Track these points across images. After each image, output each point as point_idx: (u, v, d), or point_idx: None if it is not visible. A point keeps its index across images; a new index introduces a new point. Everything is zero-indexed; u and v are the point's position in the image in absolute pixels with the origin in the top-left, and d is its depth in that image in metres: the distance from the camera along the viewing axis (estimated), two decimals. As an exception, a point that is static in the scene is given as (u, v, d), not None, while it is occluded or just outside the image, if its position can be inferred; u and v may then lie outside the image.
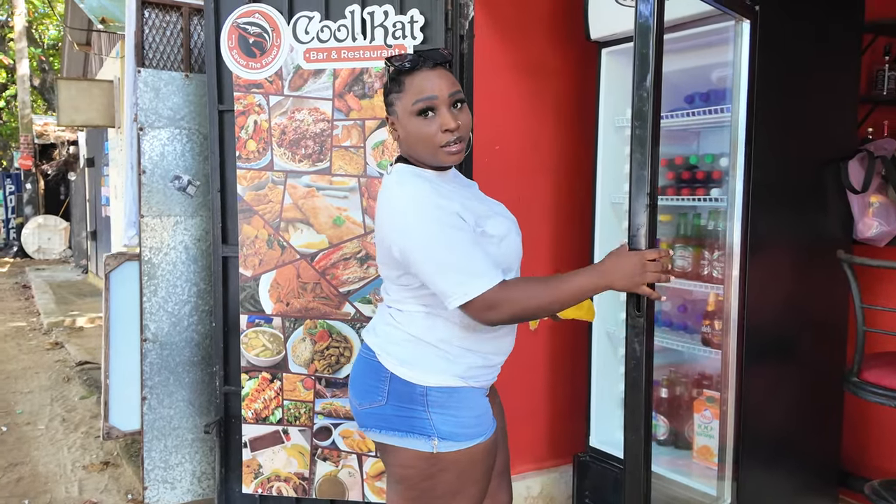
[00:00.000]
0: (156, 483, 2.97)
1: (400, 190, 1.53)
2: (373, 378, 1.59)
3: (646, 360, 1.55)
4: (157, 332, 2.92)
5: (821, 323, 2.34)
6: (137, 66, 2.88)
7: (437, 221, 1.46)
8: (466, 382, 1.57)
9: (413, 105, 1.51)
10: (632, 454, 1.59)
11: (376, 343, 1.61)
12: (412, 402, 1.54)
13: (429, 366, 1.55)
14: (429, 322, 1.56)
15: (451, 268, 1.44)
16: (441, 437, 1.52)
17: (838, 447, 2.47)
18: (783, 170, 2.14)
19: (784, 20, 2.07)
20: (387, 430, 1.56)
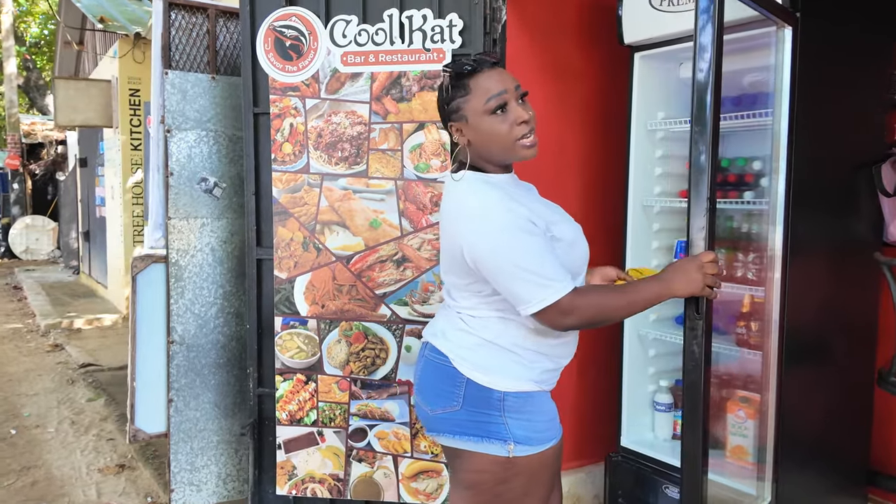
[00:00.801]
0: (182, 485, 2.97)
1: (473, 197, 1.53)
2: (447, 383, 1.59)
3: (704, 362, 1.58)
4: (183, 334, 2.92)
5: (853, 324, 2.39)
6: (164, 67, 2.87)
7: (511, 227, 1.47)
8: (539, 387, 1.59)
9: (486, 104, 1.51)
10: (690, 454, 1.62)
11: (449, 348, 1.61)
12: (489, 407, 1.54)
13: (506, 371, 1.56)
14: (502, 327, 1.57)
15: (526, 274, 1.45)
16: (517, 441, 1.53)
17: (868, 446, 2.52)
18: (820, 174, 2.18)
19: (821, 27, 2.11)
20: (460, 435, 1.57)
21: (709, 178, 1.56)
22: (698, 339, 1.58)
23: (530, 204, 1.55)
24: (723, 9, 1.58)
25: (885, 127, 2.46)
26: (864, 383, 2.42)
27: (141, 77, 7.35)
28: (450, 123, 1.60)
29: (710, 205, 1.56)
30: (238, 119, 2.90)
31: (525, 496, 1.57)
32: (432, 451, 2.48)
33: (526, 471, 1.55)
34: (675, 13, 2.32)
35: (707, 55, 1.54)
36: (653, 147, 2.62)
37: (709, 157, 1.57)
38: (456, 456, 1.61)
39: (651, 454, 2.56)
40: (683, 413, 1.64)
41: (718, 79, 1.57)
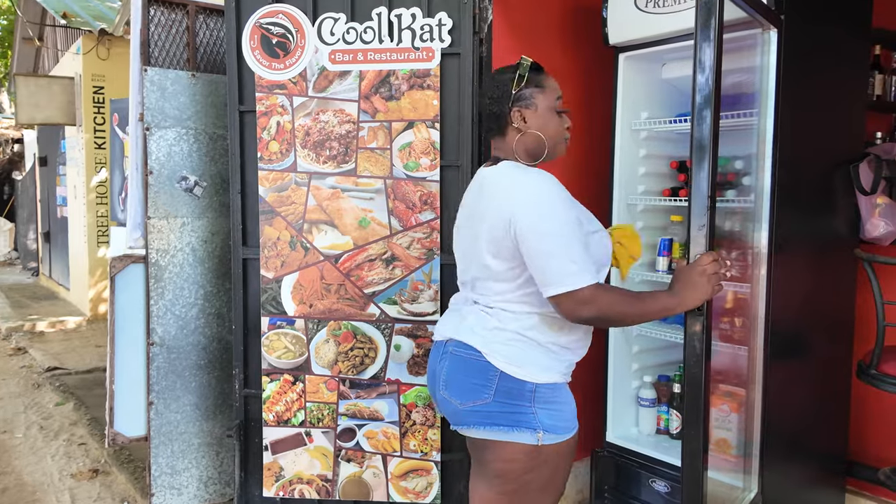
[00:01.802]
0: (162, 489, 2.92)
1: (527, 176, 1.63)
2: (478, 377, 1.64)
3: (705, 356, 1.62)
4: (164, 335, 2.87)
5: (832, 319, 2.46)
6: (143, 64, 2.82)
7: (564, 212, 1.58)
8: (565, 378, 1.70)
9: (555, 101, 1.72)
10: (690, 448, 1.66)
11: (480, 343, 1.66)
12: (521, 398, 1.62)
13: (538, 363, 1.64)
14: (533, 321, 1.65)
15: (563, 257, 1.54)
16: (545, 429, 1.61)
17: (846, 438, 2.60)
18: (803, 173, 2.24)
19: (804, 29, 2.16)
20: (491, 426, 1.63)
21: (709, 176, 1.60)
22: (699, 334, 1.62)
23: None
24: (723, 8, 1.61)
25: (863, 127, 2.54)
26: (842, 377, 2.49)
27: (105, 74, 7.20)
28: (515, 108, 1.70)
29: (711, 203, 1.60)
30: (219, 117, 2.86)
31: (549, 484, 1.66)
32: (422, 450, 2.49)
33: (552, 459, 1.64)
34: (660, 14, 2.36)
35: (708, 55, 1.58)
36: (637, 147, 2.66)
37: (709, 156, 1.60)
38: (485, 447, 1.67)
39: (636, 449, 2.61)
40: (685, 409, 1.67)
41: (719, 78, 1.61)
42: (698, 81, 1.61)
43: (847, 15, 2.41)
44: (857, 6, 2.47)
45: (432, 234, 2.44)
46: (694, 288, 1.57)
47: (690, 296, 1.58)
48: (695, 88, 1.62)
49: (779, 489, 2.26)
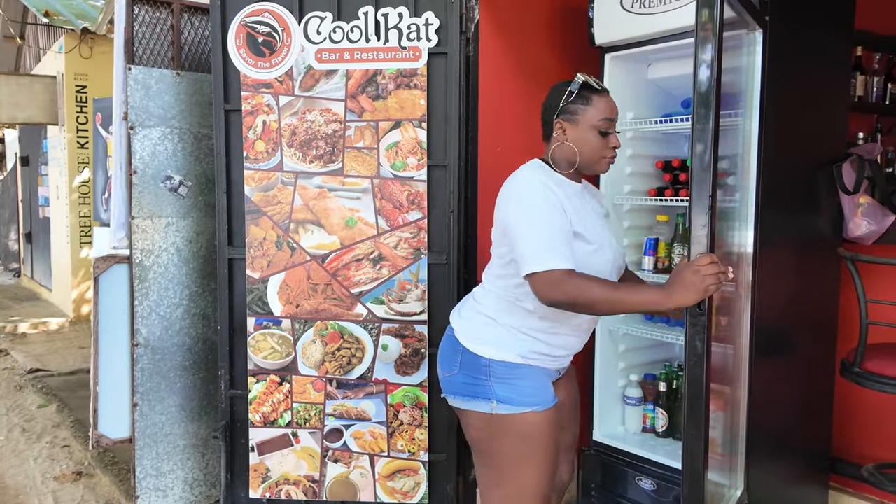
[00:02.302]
0: (147, 491, 2.89)
1: (524, 172, 1.80)
2: (450, 351, 1.86)
3: (706, 356, 1.62)
4: (148, 336, 2.84)
5: (816, 318, 2.48)
6: (127, 63, 2.79)
7: (543, 199, 1.69)
8: (526, 361, 1.79)
9: (599, 121, 1.79)
10: (691, 449, 1.66)
11: (457, 323, 1.88)
12: (478, 371, 1.78)
13: (493, 342, 1.79)
14: (501, 304, 1.80)
15: (537, 239, 1.65)
16: (499, 400, 1.75)
17: (829, 436, 2.62)
18: (787, 173, 2.26)
19: (789, 30, 2.18)
20: (458, 396, 1.83)
21: (711, 176, 1.60)
22: (700, 334, 1.62)
23: (572, 199, 1.76)
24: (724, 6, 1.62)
25: (846, 127, 2.56)
26: (826, 375, 2.51)
27: (88, 73, 7.13)
28: (559, 119, 1.82)
29: (712, 202, 1.60)
30: (204, 116, 2.84)
31: (525, 458, 1.76)
32: (409, 450, 2.48)
33: (515, 430, 1.75)
34: (646, 15, 2.38)
35: (708, 54, 1.58)
36: (623, 146, 2.65)
37: (710, 156, 1.60)
38: (460, 415, 1.87)
39: (622, 447, 2.61)
40: (686, 409, 1.67)
41: (719, 78, 1.61)
42: (698, 82, 1.61)
43: (830, 17, 2.43)
44: (840, 8, 2.49)
45: (420, 233, 2.43)
46: (685, 287, 1.58)
47: (680, 294, 1.59)
48: (695, 89, 1.62)
49: (764, 486, 2.27)
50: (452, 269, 2.45)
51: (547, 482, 1.81)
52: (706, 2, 1.63)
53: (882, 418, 2.53)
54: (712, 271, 1.57)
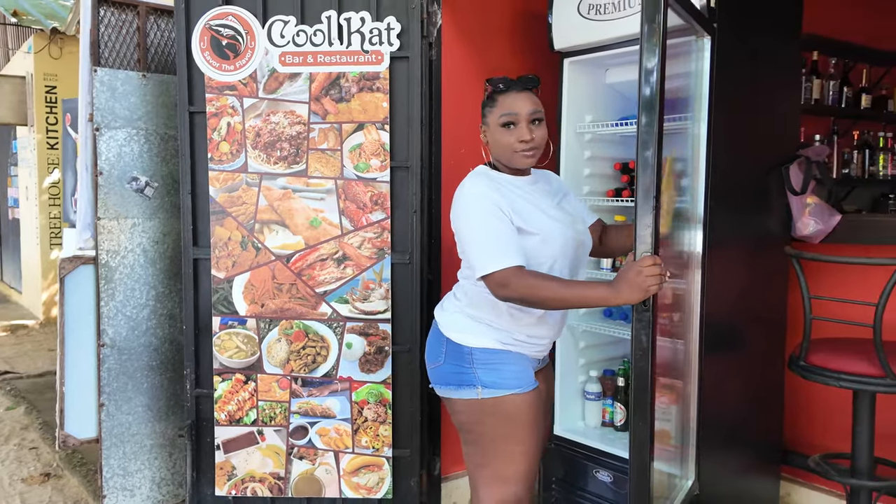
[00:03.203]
0: (115, 490, 2.91)
1: (467, 184, 1.88)
2: (436, 343, 1.96)
3: (651, 350, 1.69)
4: (115, 336, 2.86)
5: (765, 313, 2.57)
6: (93, 65, 2.81)
7: (479, 208, 1.79)
8: (505, 347, 1.88)
9: (500, 117, 1.86)
10: (638, 439, 1.73)
11: (441, 316, 1.98)
12: (462, 360, 1.88)
13: (473, 331, 1.89)
14: (470, 299, 1.91)
15: (481, 245, 1.77)
16: (484, 385, 1.85)
17: (781, 427, 2.71)
18: (736, 174, 2.34)
19: (737, 37, 2.26)
20: (445, 385, 1.92)
21: (655, 178, 1.67)
22: (646, 329, 1.69)
23: (513, 198, 1.84)
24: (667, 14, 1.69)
25: (796, 129, 2.65)
26: (776, 369, 2.60)
27: (58, 73, 7.08)
28: (482, 126, 1.96)
29: (656, 203, 1.67)
30: (170, 118, 2.86)
31: (509, 437, 1.86)
32: (373, 446, 2.53)
33: (499, 412, 1.85)
34: (601, 21, 2.45)
35: (653, 59, 1.65)
36: (581, 149, 2.74)
37: (654, 159, 1.67)
38: (448, 403, 1.96)
39: (582, 441, 2.68)
40: (633, 401, 1.74)
41: (663, 82, 1.67)
42: (643, 86, 1.68)
43: (778, 23, 2.52)
44: (787, 14, 2.58)
45: (383, 233, 2.48)
46: (629, 286, 1.68)
47: (625, 292, 1.69)
48: (640, 93, 1.68)
49: (715, 476, 2.35)
50: (415, 269, 2.50)
51: (531, 462, 1.91)
52: (650, 9, 1.69)
53: (830, 410, 2.62)
54: (654, 272, 1.66)
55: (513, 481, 1.89)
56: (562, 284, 1.77)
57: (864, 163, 4.44)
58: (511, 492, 1.89)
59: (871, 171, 4.48)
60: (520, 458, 1.89)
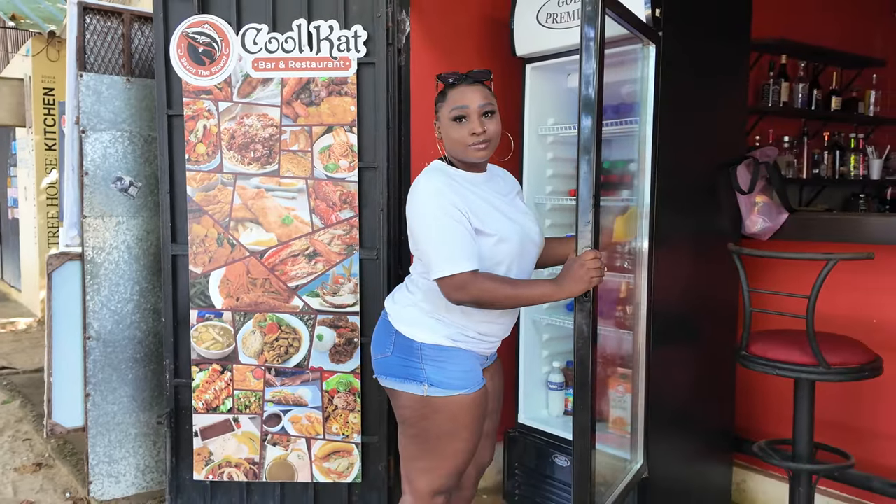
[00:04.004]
0: (101, 477, 3.04)
1: (422, 179, 1.88)
2: (384, 334, 1.98)
3: (592, 339, 1.82)
4: (100, 330, 2.99)
5: (715, 307, 2.69)
6: (79, 69, 2.95)
7: (438, 208, 1.80)
8: (456, 344, 1.90)
9: (450, 111, 1.88)
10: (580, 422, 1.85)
11: (392, 308, 2.00)
12: (411, 354, 1.90)
13: (424, 326, 1.91)
14: (433, 298, 1.90)
15: (438, 247, 1.79)
16: (430, 383, 1.87)
17: (732, 416, 2.83)
18: (683, 174, 2.46)
19: (682, 43, 2.39)
20: (391, 377, 1.94)
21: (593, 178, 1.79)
22: (587, 319, 1.81)
23: (470, 197, 1.85)
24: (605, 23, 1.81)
25: (743, 130, 2.78)
26: (727, 360, 2.72)
27: (55, 76, 7.22)
28: (435, 123, 1.97)
29: (595, 201, 1.80)
30: (153, 120, 2.99)
31: (451, 434, 1.89)
32: (343, 433, 2.66)
33: (444, 411, 1.87)
34: (558, 30, 2.57)
35: (591, 66, 1.77)
36: (544, 150, 2.86)
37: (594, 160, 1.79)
38: (391, 394, 1.98)
39: (545, 429, 2.81)
40: (575, 386, 1.85)
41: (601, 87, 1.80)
42: (582, 90, 1.80)
43: (723, 30, 2.64)
44: (734, 21, 2.70)
45: (352, 230, 2.61)
46: (574, 279, 1.78)
47: (570, 286, 1.79)
48: (580, 97, 1.81)
49: (665, 461, 2.48)
50: (382, 264, 2.63)
51: (466, 459, 1.95)
52: (589, 19, 1.82)
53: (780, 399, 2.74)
54: (596, 265, 1.77)
55: (449, 474, 1.94)
56: (511, 285, 1.82)
57: (834, 163, 4.56)
58: (445, 482, 1.94)
59: (841, 171, 4.60)
60: (459, 455, 1.92)
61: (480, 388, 1.91)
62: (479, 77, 1.92)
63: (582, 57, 1.83)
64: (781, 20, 4.00)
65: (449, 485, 1.97)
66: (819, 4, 4.41)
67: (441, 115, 1.92)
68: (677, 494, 2.58)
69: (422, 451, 1.94)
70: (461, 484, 2.07)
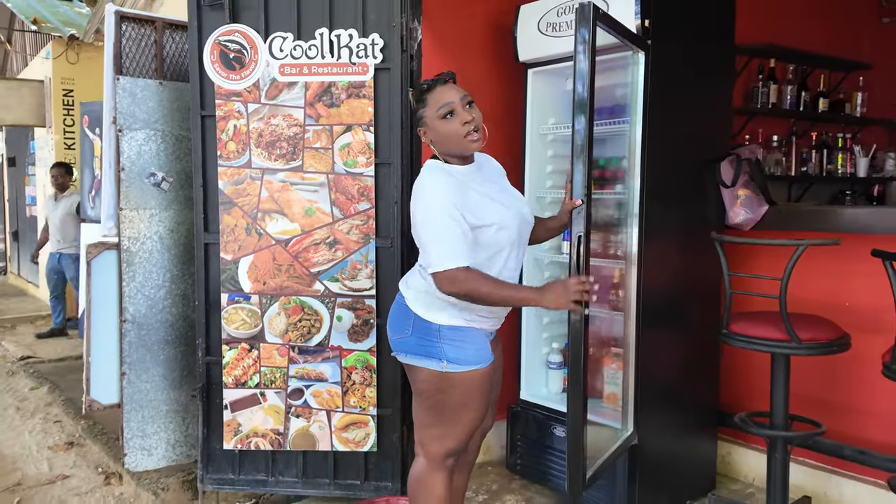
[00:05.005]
0: (134, 450, 3.29)
1: (427, 178, 2.06)
2: (403, 317, 2.16)
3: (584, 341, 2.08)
4: (135, 313, 3.24)
5: (702, 292, 2.92)
6: (116, 74, 3.20)
7: (440, 208, 1.98)
8: (470, 324, 2.11)
9: (437, 111, 2.04)
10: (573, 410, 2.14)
11: (407, 293, 2.19)
12: (429, 335, 2.10)
13: (440, 310, 2.10)
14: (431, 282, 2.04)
15: (435, 244, 1.98)
16: (449, 360, 2.07)
17: (717, 393, 3.07)
18: (671, 170, 2.71)
19: (671, 50, 2.63)
20: (411, 354, 2.14)
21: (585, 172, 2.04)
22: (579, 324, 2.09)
23: (468, 193, 2.02)
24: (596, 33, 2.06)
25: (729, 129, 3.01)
26: (712, 340, 2.94)
27: (74, 78, 7.49)
28: (418, 128, 2.14)
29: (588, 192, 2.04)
30: (183, 120, 3.25)
31: (464, 405, 2.11)
32: (360, 406, 2.91)
33: (460, 385, 2.08)
34: (558, 38, 2.82)
35: (584, 74, 2.02)
36: (544, 148, 3.11)
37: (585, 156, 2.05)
38: (410, 370, 2.18)
39: (545, 404, 3.06)
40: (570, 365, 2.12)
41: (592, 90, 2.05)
42: (577, 92, 2.05)
43: (709, 36, 2.88)
44: (719, 28, 2.94)
45: (368, 221, 2.86)
46: (554, 296, 1.98)
47: (549, 300, 1.99)
48: (574, 99, 2.05)
49: (655, 432, 2.72)
50: (396, 252, 2.87)
51: (475, 425, 2.18)
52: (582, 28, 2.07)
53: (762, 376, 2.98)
54: (578, 289, 1.96)
55: (460, 439, 2.16)
56: (499, 285, 2.00)
57: (822, 161, 4.80)
58: (456, 446, 2.16)
59: (828, 169, 4.84)
60: (470, 422, 2.15)
61: (490, 362, 2.14)
62: (449, 77, 2.12)
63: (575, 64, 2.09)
64: (769, 26, 4.24)
65: (459, 448, 2.20)
66: (805, 11, 4.65)
67: (427, 118, 2.07)
68: (666, 464, 2.83)
69: (436, 420, 2.15)
70: (467, 448, 2.30)
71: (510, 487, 3.14)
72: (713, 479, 3.06)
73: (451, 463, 2.22)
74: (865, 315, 2.58)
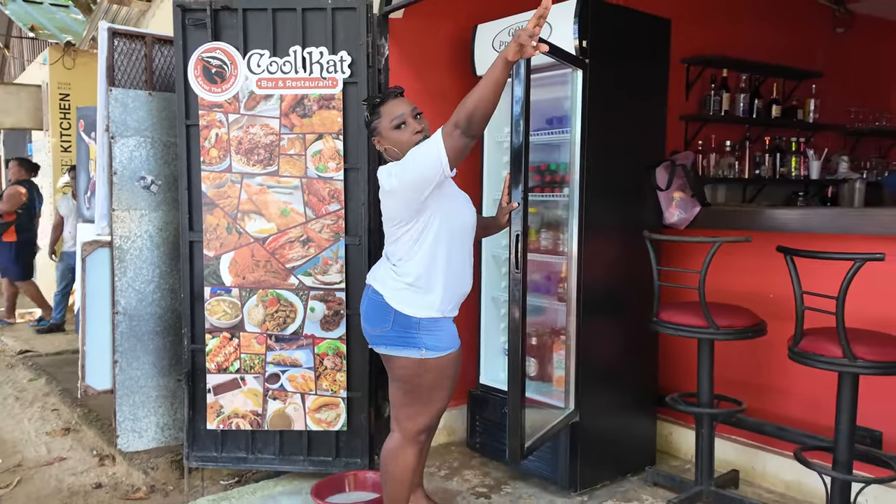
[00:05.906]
0: (126, 432, 3.57)
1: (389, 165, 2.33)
2: (382, 313, 2.36)
3: (522, 302, 2.37)
4: (126, 306, 3.52)
5: (638, 284, 3.19)
6: (109, 85, 3.48)
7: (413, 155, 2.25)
8: (443, 314, 2.37)
9: (391, 122, 2.32)
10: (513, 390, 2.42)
11: (382, 289, 2.38)
12: (409, 327, 2.33)
13: (420, 305, 2.33)
14: (411, 269, 2.32)
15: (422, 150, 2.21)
16: (427, 348, 2.33)
17: (656, 376, 3.37)
18: (610, 174, 3.00)
19: (607, 67, 2.93)
20: (390, 346, 2.36)
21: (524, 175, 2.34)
22: (518, 286, 2.37)
23: None
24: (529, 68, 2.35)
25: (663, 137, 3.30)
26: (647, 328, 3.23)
27: (71, 83, 7.76)
28: (372, 138, 2.39)
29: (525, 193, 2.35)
30: (171, 128, 3.52)
31: (436, 387, 2.38)
32: (332, 389, 3.20)
33: (434, 369, 2.35)
34: (509, 54, 3.10)
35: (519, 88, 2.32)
36: (501, 155, 3.40)
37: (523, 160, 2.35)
38: (389, 360, 2.41)
39: (502, 388, 3.35)
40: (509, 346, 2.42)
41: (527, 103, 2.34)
42: (514, 107, 2.35)
43: (645, 54, 3.17)
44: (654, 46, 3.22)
45: (338, 221, 3.15)
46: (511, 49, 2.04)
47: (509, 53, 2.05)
48: (512, 112, 2.35)
49: (596, 411, 3.02)
50: (364, 249, 3.17)
51: (446, 403, 2.45)
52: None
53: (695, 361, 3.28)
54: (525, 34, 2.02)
55: (433, 416, 2.44)
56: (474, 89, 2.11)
57: (775, 164, 5.10)
58: (429, 422, 2.44)
59: (782, 172, 5.14)
60: (442, 400, 2.43)
61: (459, 345, 2.43)
62: (399, 91, 2.38)
63: (513, 81, 2.37)
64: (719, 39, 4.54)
65: (431, 424, 2.49)
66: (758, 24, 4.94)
67: (381, 129, 2.34)
68: (606, 440, 3.12)
69: (412, 400, 2.39)
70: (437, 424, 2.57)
71: (470, 464, 3.43)
72: (654, 455, 3.36)
73: (423, 438, 2.50)
74: (780, 304, 2.87)
